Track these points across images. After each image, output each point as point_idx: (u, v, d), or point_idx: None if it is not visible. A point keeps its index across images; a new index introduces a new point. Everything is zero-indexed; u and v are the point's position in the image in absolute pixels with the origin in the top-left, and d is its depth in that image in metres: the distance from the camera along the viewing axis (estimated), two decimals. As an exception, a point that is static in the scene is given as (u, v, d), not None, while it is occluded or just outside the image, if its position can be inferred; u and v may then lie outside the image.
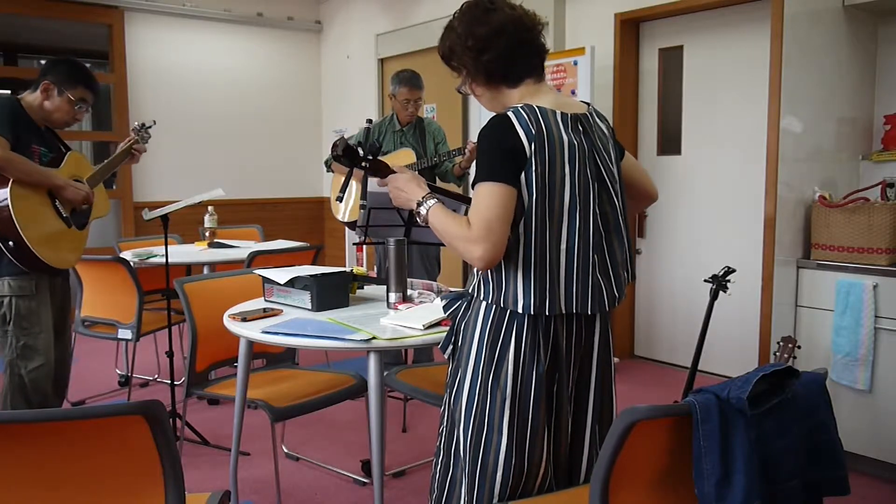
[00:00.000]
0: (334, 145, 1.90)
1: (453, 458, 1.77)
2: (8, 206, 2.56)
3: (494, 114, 1.66)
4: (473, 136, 5.44)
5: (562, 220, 1.62)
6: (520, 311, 1.62)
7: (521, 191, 1.59)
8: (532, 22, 1.72)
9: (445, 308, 1.83)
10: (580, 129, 1.68)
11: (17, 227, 2.58)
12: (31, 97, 2.79)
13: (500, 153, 1.59)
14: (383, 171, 1.91)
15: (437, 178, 3.99)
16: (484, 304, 1.69)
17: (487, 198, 1.57)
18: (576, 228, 1.62)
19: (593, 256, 1.65)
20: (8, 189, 2.57)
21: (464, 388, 1.70)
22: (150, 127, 3.26)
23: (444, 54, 1.78)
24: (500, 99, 1.75)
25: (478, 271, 1.70)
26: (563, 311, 1.63)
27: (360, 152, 1.92)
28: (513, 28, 1.68)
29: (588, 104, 1.78)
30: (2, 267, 2.67)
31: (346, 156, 1.90)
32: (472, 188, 1.63)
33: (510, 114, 1.62)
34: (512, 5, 1.72)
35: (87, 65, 2.96)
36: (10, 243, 2.62)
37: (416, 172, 1.90)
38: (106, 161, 3.04)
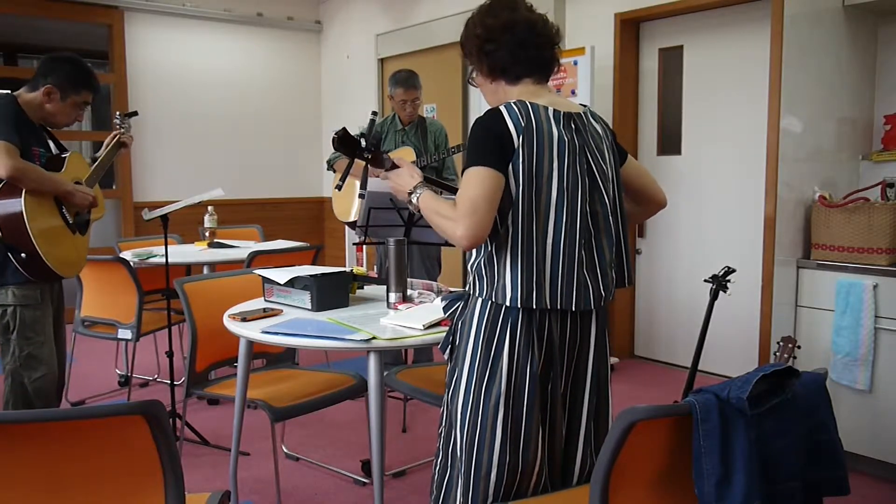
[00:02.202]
0: (334, 135, 1.91)
1: (451, 459, 1.77)
2: (23, 217, 2.49)
3: (485, 111, 1.69)
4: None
5: (548, 213, 1.63)
6: (508, 304, 1.64)
7: (508, 181, 1.61)
8: (545, 30, 1.74)
9: (445, 309, 1.84)
10: (573, 126, 1.69)
11: (32, 240, 2.51)
12: (29, 96, 2.69)
13: (488, 141, 1.62)
14: (384, 163, 1.91)
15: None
16: (480, 300, 1.70)
17: (473, 179, 1.60)
18: (563, 223, 1.63)
19: (580, 253, 1.66)
20: (22, 199, 2.49)
21: (460, 386, 1.71)
22: (130, 116, 3.12)
23: (461, 42, 1.83)
24: (499, 94, 1.77)
25: (472, 268, 1.72)
26: (549, 306, 1.64)
27: (362, 142, 1.92)
28: (522, 27, 1.71)
29: (585, 106, 1.80)
30: (7, 275, 2.60)
31: (345, 145, 1.90)
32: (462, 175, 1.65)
33: (502, 107, 1.65)
34: (532, 10, 1.75)
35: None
36: (23, 255, 2.54)
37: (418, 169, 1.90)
38: (98, 160, 2.93)
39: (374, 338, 2.08)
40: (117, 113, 3.13)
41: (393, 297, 2.51)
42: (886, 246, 2.97)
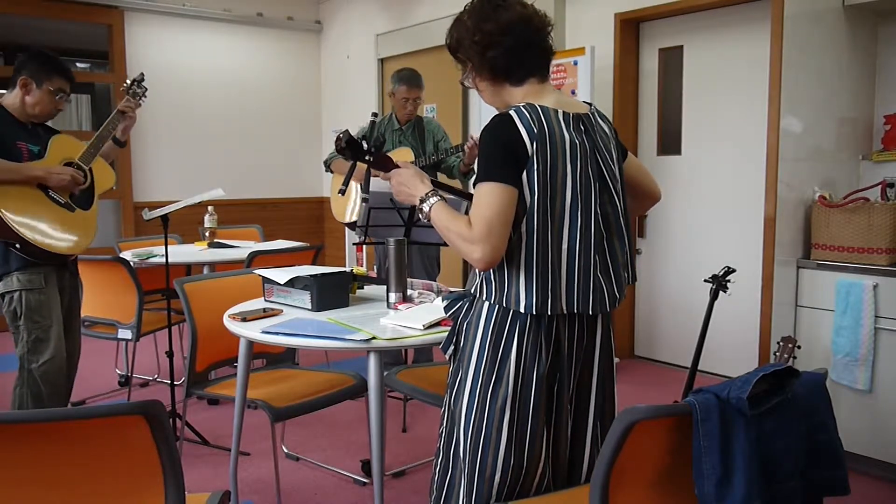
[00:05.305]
0: (338, 138, 1.90)
1: (452, 460, 1.77)
2: None
3: (496, 112, 1.66)
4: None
5: (563, 219, 1.61)
6: (522, 310, 1.62)
7: (522, 190, 1.59)
8: (542, 23, 1.72)
9: (447, 308, 1.83)
10: (582, 128, 1.67)
11: (13, 230, 2.60)
12: (10, 97, 2.79)
13: (501, 152, 1.59)
14: (387, 166, 1.91)
15: (438, 175, 3.98)
16: (486, 304, 1.68)
17: (488, 198, 1.57)
18: (577, 228, 1.62)
19: (594, 256, 1.65)
20: None
21: (465, 388, 1.70)
22: (140, 81, 3.14)
23: (451, 46, 1.79)
24: (503, 95, 1.75)
25: (480, 271, 1.70)
26: (565, 311, 1.63)
27: (364, 145, 1.91)
28: (521, 27, 1.68)
29: (590, 104, 1.78)
30: (10, 262, 2.71)
31: (350, 148, 1.90)
32: (474, 186, 1.63)
33: (512, 112, 1.62)
34: (524, 4, 1.72)
35: (87, 65, 2.95)
36: (17, 245, 2.66)
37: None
38: (96, 134, 2.98)
39: (374, 338, 2.08)
40: (125, 82, 3.15)
41: (393, 297, 2.50)
42: (886, 246, 2.97)
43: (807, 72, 3.28)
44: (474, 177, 1.66)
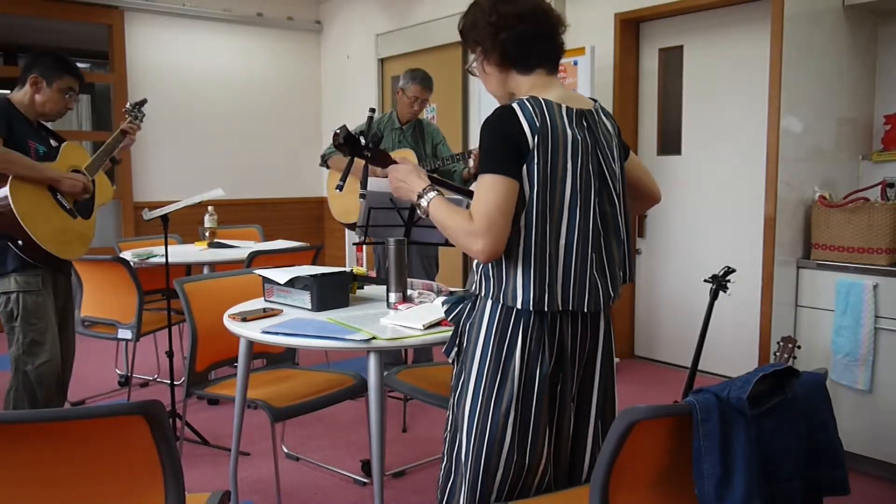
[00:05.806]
0: (335, 134, 1.89)
1: (455, 463, 1.76)
2: (10, 205, 2.57)
3: (496, 109, 1.65)
4: (473, 138, 5.44)
5: (562, 215, 1.61)
6: (520, 306, 1.62)
7: (522, 183, 1.59)
8: (556, 19, 1.73)
9: (447, 313, 1.82)
10: (585, 124, 1.67)
11: (22, 226, 2.60)
12: (19, 95, 2.80)
13: (503, 145, 1.59)
14: (385, 161, 1.90)
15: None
16: (489, 302, 1.68)
17: (490, 190, 1.57)
18: (575, 224, 1.62)
19: (591, 254, 1.65)
20: (7, 188, 2.58)
21: (468, 388, 1.70)
22: (142, 105, 3.21)
23: (463, 29, 1.79)
24: (509, 83, 1.74)
25: (478, 268, 1.70)
26: (560, 308, 1.63)
27: (362, 141, 1.91)
28: (536, 16, 1.69)
29: (595, 101, 1.78)
30: (7, 263, 2.70)
31: (348, 143, 1.89)
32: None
33: (515, 105, 1.61)
34: None
35: (87, 65, 2.97)
36: (20, 242, 2.65)
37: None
38: (101, 148, 3.02)
39: (374, 338, 2.08)
40: (127, 104, 3.21)
41: (393, 297, 2.50)
42: (886, 246, 2.97)
43: (807, 72, 3.28)
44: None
